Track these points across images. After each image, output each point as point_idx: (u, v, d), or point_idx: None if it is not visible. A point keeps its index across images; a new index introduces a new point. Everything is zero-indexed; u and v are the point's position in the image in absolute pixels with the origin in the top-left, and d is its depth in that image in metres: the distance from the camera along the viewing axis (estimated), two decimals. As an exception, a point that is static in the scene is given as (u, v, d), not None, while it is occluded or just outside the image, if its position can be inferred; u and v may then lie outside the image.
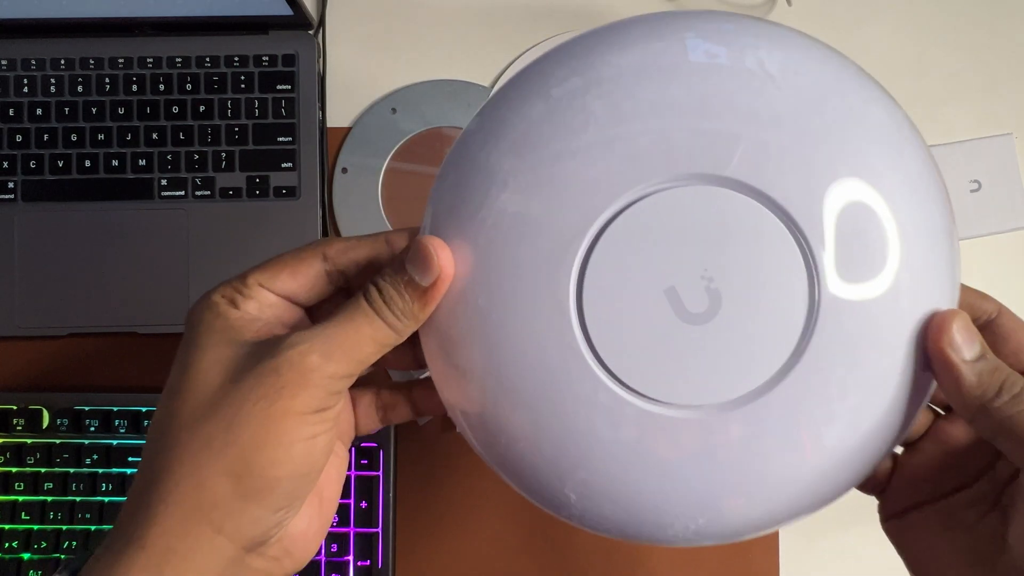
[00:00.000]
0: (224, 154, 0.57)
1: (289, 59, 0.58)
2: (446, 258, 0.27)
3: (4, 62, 0.58)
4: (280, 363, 0.26)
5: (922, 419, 0.32)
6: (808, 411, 0.26)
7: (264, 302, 0.29)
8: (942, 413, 0.32)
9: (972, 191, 0.58)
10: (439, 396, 0.30)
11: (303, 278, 0.29)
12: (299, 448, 0.27)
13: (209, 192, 0.57)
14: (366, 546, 0.53)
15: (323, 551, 0.52)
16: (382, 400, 0.34)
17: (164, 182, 0.57)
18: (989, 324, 0.29)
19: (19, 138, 0.57)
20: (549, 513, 0.30)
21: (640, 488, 0.27)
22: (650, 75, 0.26)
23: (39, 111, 0.57)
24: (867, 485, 0.32)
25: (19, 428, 0.53)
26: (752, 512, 0.28)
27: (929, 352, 0.27)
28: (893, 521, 0.32)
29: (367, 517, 0.53)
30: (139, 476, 0.28)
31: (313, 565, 0.52)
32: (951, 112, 0.59)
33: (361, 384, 0.33)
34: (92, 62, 0.58)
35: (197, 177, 0.57)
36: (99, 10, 0.56)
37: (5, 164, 0.57)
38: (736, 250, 0.26)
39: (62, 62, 0.58)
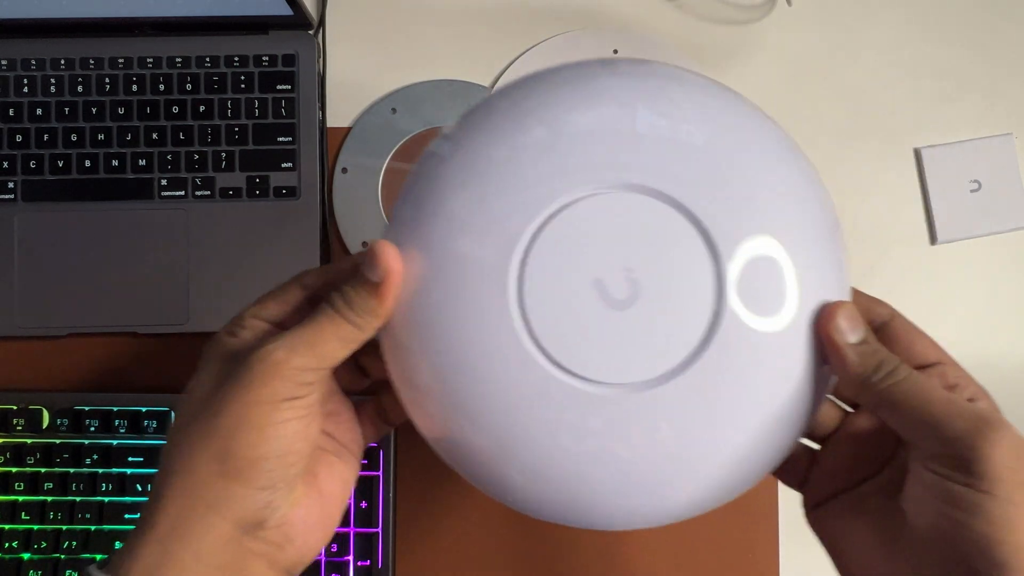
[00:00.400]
0: (224, 154, 0.57)
1: (289, 59, 0.58)
2: (392, 255, 0.31)
3: (4, 62, 0.58)
4: (251, 360, 0.30)
5: (834, 414, 0.36)
6: (718, 393, 0.30)
7: (257, 330, 0.33)
8: (851, 410, 0.36)
9: (972, 191, 0.59)
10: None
11: (286, 304, 0.34)
12: (271, 431, 0.30)
13: (209, 192, 0.57)
14: (366, 546, 0.53)
15: (323, 551, 0.53)
16: (383, 405, 0.38)
17: (164, 182, 0.57)
18: (883, 326, 0.33)
19: (19, 138, 0.57)
20: (496, 500, 0.33)
21: (577, 464, 0.30)
22: (596, 133, 0.31)
23: (39, 111, 0.57)
24: (790, 479, 0.36)
25: (19, 428, 0.53)
26: (676, 492, 0.31)
27: (821, 337, 0.31)
28: (813, 512, 0.35)
29: (367, 517, 0.53)
30: (153, 483, 0.32)
31: (313, 565, 0.52)
32: (951, 112, 0.59)
33: (364, 394, 0.38)
34: (92, 62, 0.58)
35: (197, 177, 0.57)
36: (99, 10, 0.56)
37: (5, 164, 0.57)
38: (653, 247, 0.30)
39: (62, 62, 0.58)
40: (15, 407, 0.53)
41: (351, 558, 0.52)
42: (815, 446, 0.36)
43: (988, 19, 0.60)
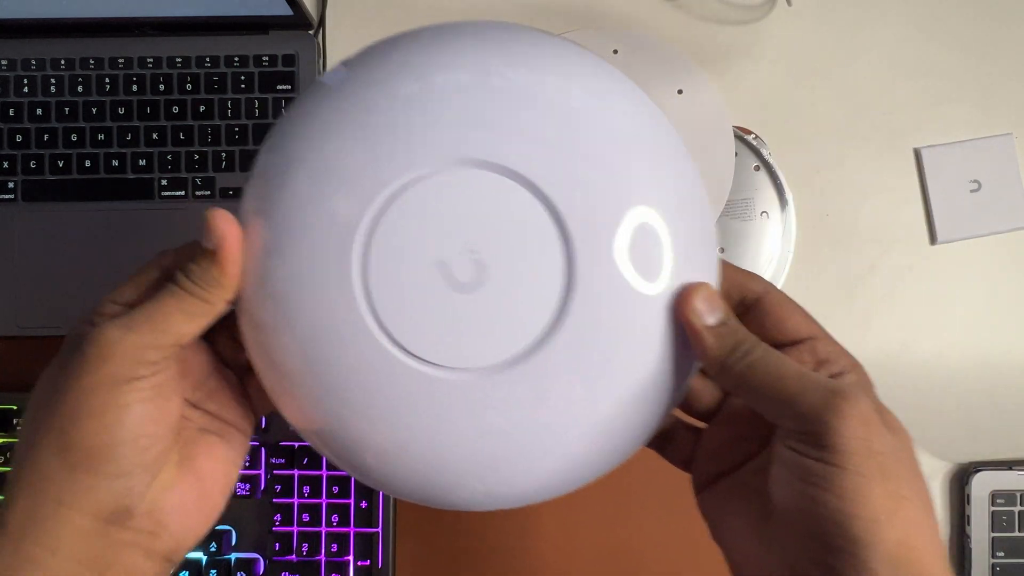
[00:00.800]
0: (224, 154, 0.57)
1: (289, 59, 0.58)
2: (226, 220, 0.29)
3: (4, 62, 0.58)
4: (82, 342, 0.29)
5: (714, 395, 0.35)
6: (570, 375, 0.29)
7: (113, 314, 0.31)
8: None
9: (972, 191, 0.59)
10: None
11: (142, 286, 0.32)
12: (112, 416, 0.28)
13: (209, 192, 0.57)
14: (366, 546, 0.53)
15: (323, 551, 0.53)
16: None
17: (164, 182, 0.57)
18: (756, 302, 0.32)
19: (19, 138, 0.57)
20: (360, 482, 0.32)
21: (427, 450, 0.29)
22: (444, 87, 0.30)
23: (39, 111, 0.57)
24: (674, 458, 0.36)
25: (19, 428, 0.53)
26: (534, 473, 0.30)
27: (680, 319, 0.30)
28: (701, 495, 0.34)
29: (367, 517, 0.53)
30: (5, 482, 0.30)
31: (313, 565, 0.52)
32: (951, 112, 0.59)
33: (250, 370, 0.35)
34: (92, 62, 0.58)
35: (197, 177, 0.57)
36: (99, 10, 0.56)
37: (5, 164, 0.57)
38: (500, 226, 0.29)
39: (62, 62, 0.58)
40: (15, 407, 0.53)
41: (351, 558, 0.52)
42: (701, 425, 0.35)
43: (988, 19, 0.60)
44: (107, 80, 0.58)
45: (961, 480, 0.55)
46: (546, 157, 0.29)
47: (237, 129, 0.57)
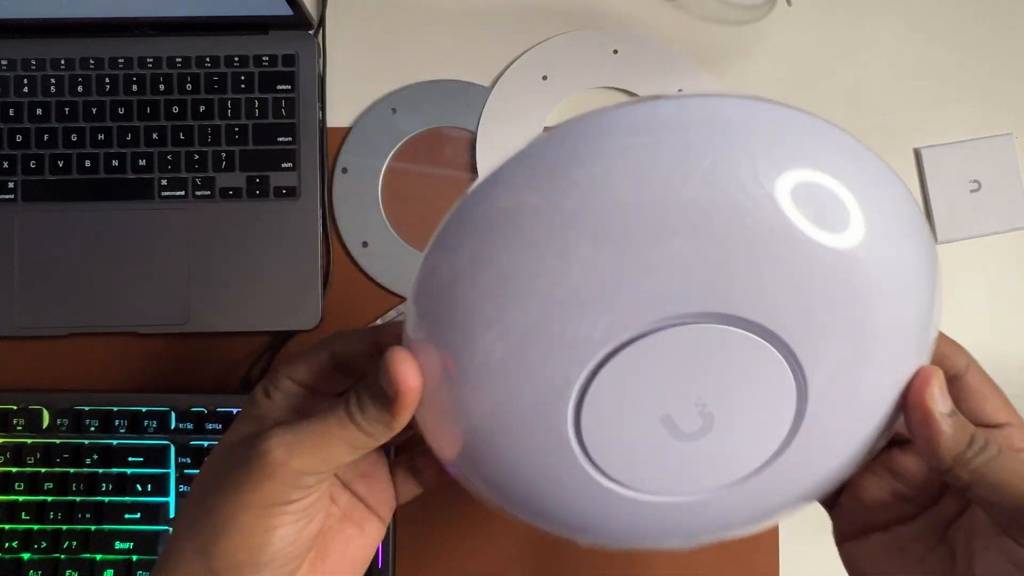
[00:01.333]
0: (224, 154, 0.57)
1: (289, 59, 0.58)
2: (410, 375, 0.28)
3: (4, 62, 0.58)
4: (250, 455, 0.29)
5: None
6: (784, 485, 0.29)
7: (288, 391, 0.33)
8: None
9: (972, 191, 0.59)
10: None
11: (315, 369, 0.33)
12: (256, 539, 0.29)
13: (209, 192, 0.57)
14: (366, 546, 0.53)
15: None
16: (417, 465, 0.37)
17: (164, 182, 0.57)
18: (957, 379, 0.31)
19: (19, 138, 0.57)
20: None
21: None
22: (639, 208, 0.26)
23: (39, 111, 0.57)
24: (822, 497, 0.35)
25: (19, 428, 0.53)
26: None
27: (909, 404, 0.28)
28: (846, 544, 0.34)
29: (367, 517, 0.53)
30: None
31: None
32: (951, 112, 0.59)
33: (397, 451, 0.37)
34: (92, 62, 0.58)
35: (197, 177, 0.57)
36: (99, 10, 0.56)
37: (5, 164, 0.57)
38: (730, 378, 0.27)
39: (62, 62, 0.58)
40: (15, 407, 0.53)
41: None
42: None
43: (988, 19, 0.60)
44: (107, 80, 0.58)
45: (961, 480, 0.55)
46: (784, 305, 0.26)
47: (237, 129, 0.57)
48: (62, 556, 0.52)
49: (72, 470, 0.53)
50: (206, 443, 0.53)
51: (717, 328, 0.26)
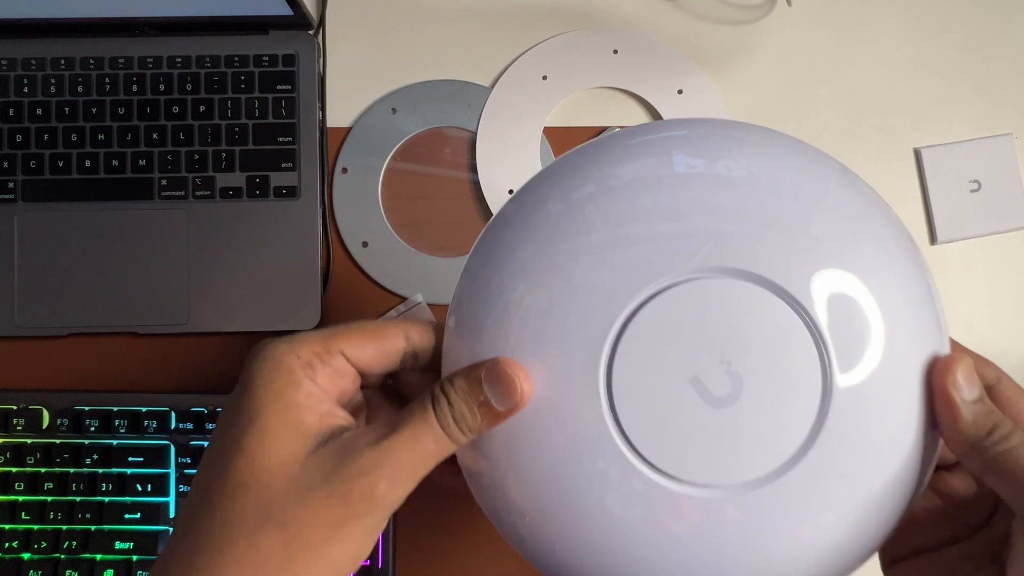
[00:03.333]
0: (224, 154, 0.57)
1: (289, 59, 0.58)
2: (528, 387, 0.28)
3: (4, 62, 0.58)
4: (351, 490, 0.27)
5: None
6: (823, 490, 0.28)
7: (338, 371, 0.30)
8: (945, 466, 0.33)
9: (972, 191, 0.59)
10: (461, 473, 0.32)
11: (389, 355, 0.31)
12: (349, 567, 0.28)
13: (209, 192, 0.57)
14: (366, 546, 0.53)
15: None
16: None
17: (164, 182, 0.57)
18: (990, 390, 0.31)
19: (19, 138, 0.57)
20: None
21: (686, 569, 0.28)
22: (668, 211, 0.29)
23: (39, 111, 0.57)
24: None
25: (19, 428, 0.53)
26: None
27: (934, 389, 0.28)
28: (895, 567, 0.33)
29: (367, 517, 0.53)
30: (183, 546, 0.28)
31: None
32: (951, 112, 0.59)
33: None
34: (92, 62, 0.58)
35: (197, 177, 0.57)
36: (99, 10, 0.56)
37: (5, 164, 0.57)
38: (753, 337, 0.28)
39: (62, 62, 0.58)
40: (15, 407, 0.53)
41: (351, 558, 0.52)
42: None
43: (988, 19, 0.60)
44: (107, 80, 0.58)
45: (961, 480, 0.55)
46: (781, 253, 0.28)
47: (237, 129, 0.57)
48: (62, 556, 0.52)
49: (72, 470, 0.53)
50: (206, 443, 0.53)
51: (723, 282, 0.28)
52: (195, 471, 0.53)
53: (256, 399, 0.28)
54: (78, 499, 0.52)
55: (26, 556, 0.52)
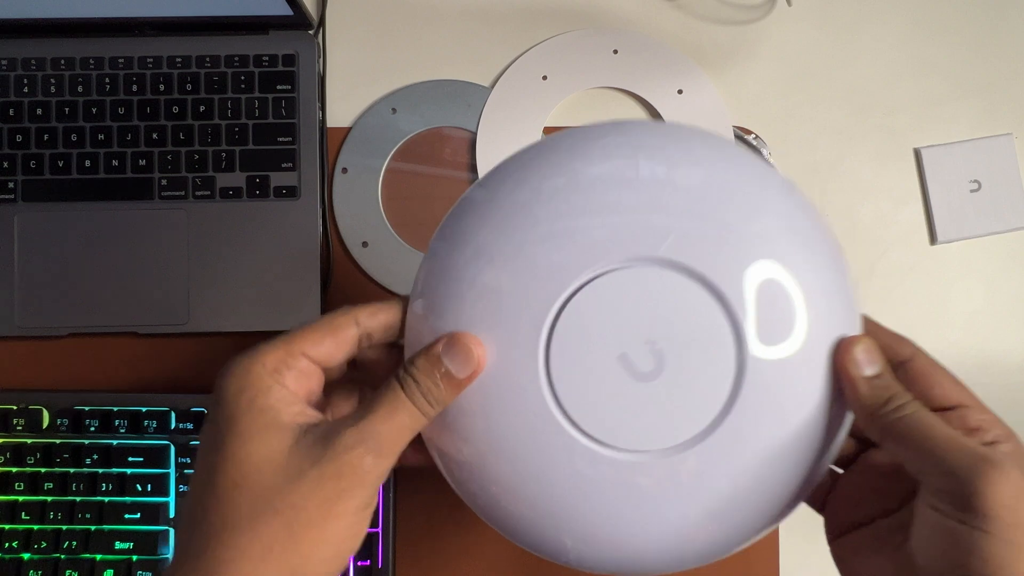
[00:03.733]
0: (224, 154, 0.57)
1: (289, 59, 0.58)
2: (482, 353, 0.31)
3: (4, 62, 0.58)
4: (341, 467, 0.29)
5: (851, 443, 0.35)
6: (737, 456, 0.31)
7: (303, 372, 0.32)
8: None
9: (972, 191, 0.59)
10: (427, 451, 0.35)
11: (346, 343, 0.33)
12: (350, 544, 0.30)
13: (209, 192, 0.57)
14: (366, 546, 0.53)
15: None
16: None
17: (164, 182, 0.57)
18: (903, 365, 0.33)
19: (19, 138, 0.57)
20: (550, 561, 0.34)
21: (617, 526, 0.32)
22: (604, 184, 0.32)
23: (39, 111, 0.57)
24: (811, 500, 0.36)
25: (19, 428, 0.53)
26: (710, 536, 0.32)
27: (836, 367, 0.31)
28: (835, 542, 0.35)
29: (367, 517, 0.53)
30: (188, 551, 0.29)
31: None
32: (951, 112, 0.59)
33: None
34: (92, 62, 0.58)
35: (197, 177, 0.57)
36: (99, 10, 0.56)
37: (5, 164, 0.57)
38: (676, 319, 0.31)
39: (62, 62, 0.58)
40: (15, 407, 0.53)
41: (351, 558, 0.52)
42: (838, 470, 0.36)
43: (988, 19, 0.60)
44: (107, 80, 0.58)
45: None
46: (701, 239, 0.31)
47: (237, 129, 0.57)
48: (62, 556, 0.52)
49: (72, 470, 0.53)
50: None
51: (662, 272, 0.31)
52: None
53: (231, 409, 0.30)
54: (78, 499, 0.52)
55: (26, 556, 0.52)
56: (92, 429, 0.53)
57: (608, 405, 0.31)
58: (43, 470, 0.53)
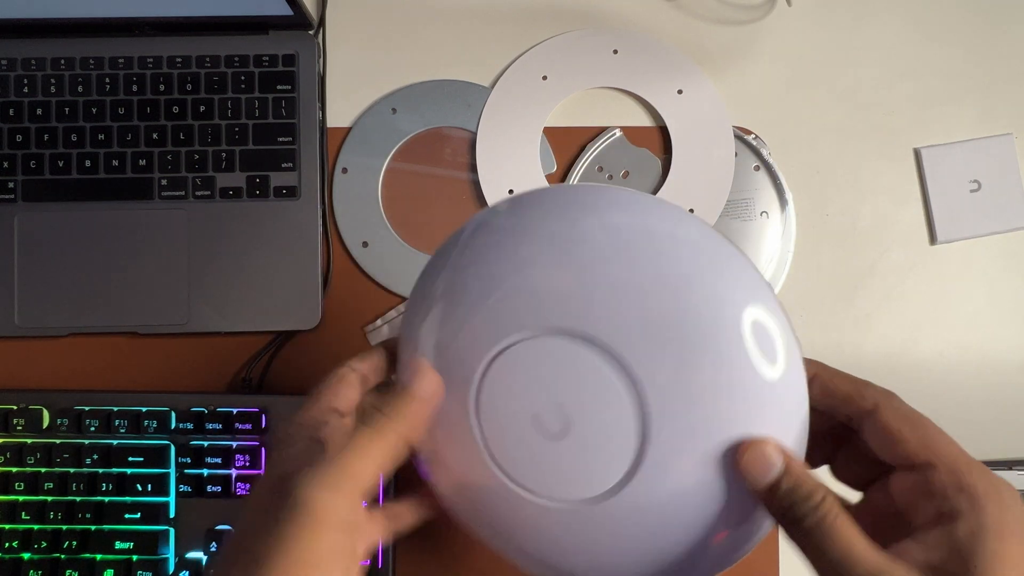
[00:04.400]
0: (224, 154, 0.57)
1: (289, 59, 0.58)
2: (426, 366, 0.35)
3: (4, 62, 0.58)
4: (303, 515, 0.33)
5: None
6: (641, 516, 0.33)
7: (337, 430, 0.35)
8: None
9: (972, 191, 0.59)
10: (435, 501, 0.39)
11: (357, 387, 0.37)
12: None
13: (209, 192, 0.57)
14: (366, 546, 0.53)
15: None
16: (392, 511, 0.40)
17: (164, 182, 0.57)
18: (869, 415, 0.32)
19: (19, 138, 0.57)
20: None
21: (552, 555, 0.35)
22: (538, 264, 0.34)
23: (39, 111, 0.57)
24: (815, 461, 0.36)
25: (19, 428, 0.53)
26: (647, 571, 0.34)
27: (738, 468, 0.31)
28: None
29: (367, 517, 0.53)
30: None
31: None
32: (951, 112, 0.59)
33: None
34: (92, 62, 0.58)
35: (197, 177, 0.57)
36: (99, 10, 0.56)
37: (5, 164, 0.57)
38: (585, 388, 0.33)
39: (62, 62, 0.58)
40: (15, 407, 0.53)
41: (351, 558, 0.52)
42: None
43: (988, 19, 0.60)
44: (107, 80, 0.58)
45: (961, 480, 0.55)
46: (618, 320, 0.32)
47: (237, 129, 0.57)
48: (62, 556, 0.52)
49: (72, 470, 0.53)
50: (206, 443, 0.53)
51: (575, 343, 0.33)
52: (195, 471, 0.52)
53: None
54: (78, 499, 0.52)
55: (26, 556, 0.52)
56: (92, 429, 0.53)
57: (529, 458, 0.34)
58: (43, 470, 0.53)
